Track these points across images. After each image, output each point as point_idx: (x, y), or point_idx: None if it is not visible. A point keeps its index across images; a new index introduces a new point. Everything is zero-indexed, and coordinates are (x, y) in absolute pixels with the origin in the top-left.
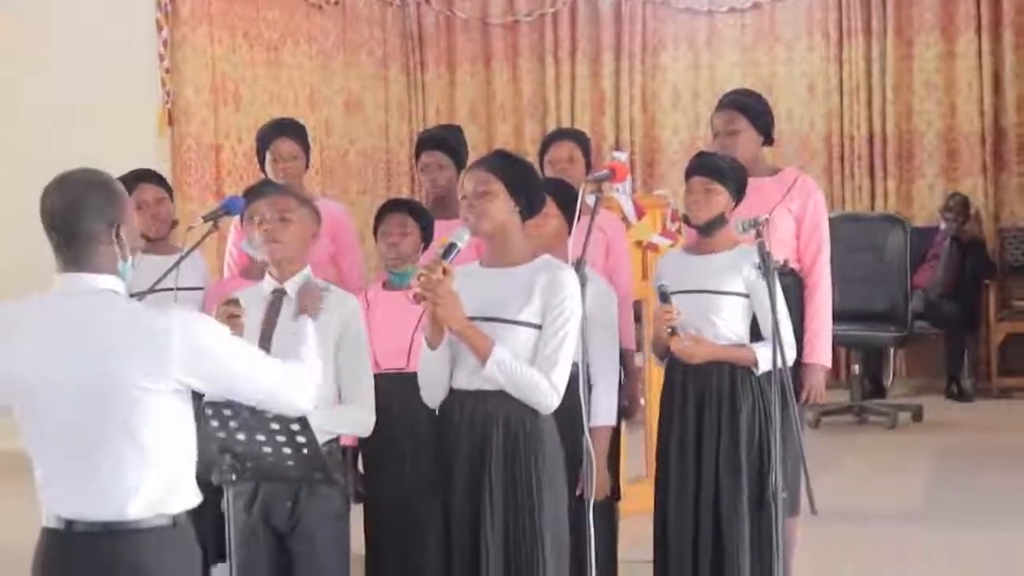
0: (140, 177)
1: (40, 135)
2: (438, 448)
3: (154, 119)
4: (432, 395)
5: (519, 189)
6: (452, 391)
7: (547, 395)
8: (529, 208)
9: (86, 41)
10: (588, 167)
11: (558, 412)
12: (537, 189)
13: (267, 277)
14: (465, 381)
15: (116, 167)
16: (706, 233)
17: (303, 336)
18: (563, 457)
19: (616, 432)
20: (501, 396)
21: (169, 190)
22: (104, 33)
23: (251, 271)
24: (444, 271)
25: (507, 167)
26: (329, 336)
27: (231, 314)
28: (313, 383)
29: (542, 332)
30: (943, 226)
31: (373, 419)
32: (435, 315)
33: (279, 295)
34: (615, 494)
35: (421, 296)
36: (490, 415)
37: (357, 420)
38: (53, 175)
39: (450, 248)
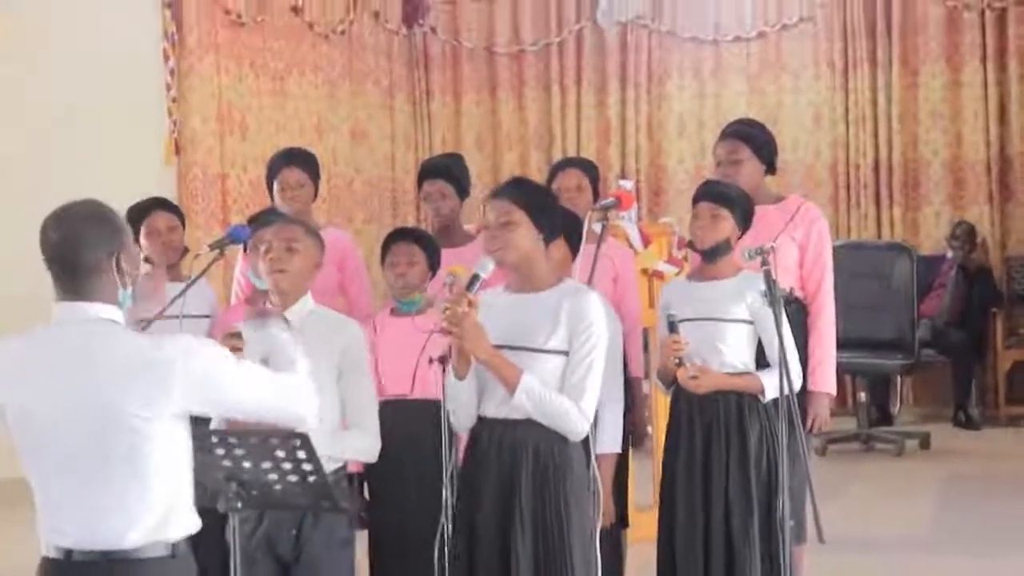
0: (154, 205)
1: (47, 164)
2: (465, 474)
3: (160, 148)
4: (462, 423)
5: (541, 215)
6: (481, 419)
7: (576, 422)
8: (552, 232)
9: (93, 68)
10: (596, 195)
11: None
12: (557, 212)
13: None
14: (494, 410)
15: (123, 197)
16: (710, 259)
17: (287, 348)
18: (591, 484)
19: (623, 460)
20: (530, 424)
21: (182, 218)
22: (111, 62)
23: (257, 299)
24: (469, 303)
25: (527, 195)
26: (332, 363)
27: (233, 347)
28: (311, 391)
29: (569, 359)
30: (950, 254)
31: (379, 445)
32: (461, 347)
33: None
34: (622, 522)
35: (447, 330)
36: (519, 443)
37: (363, 446)
38: (58, 206)
39: (474, 279)
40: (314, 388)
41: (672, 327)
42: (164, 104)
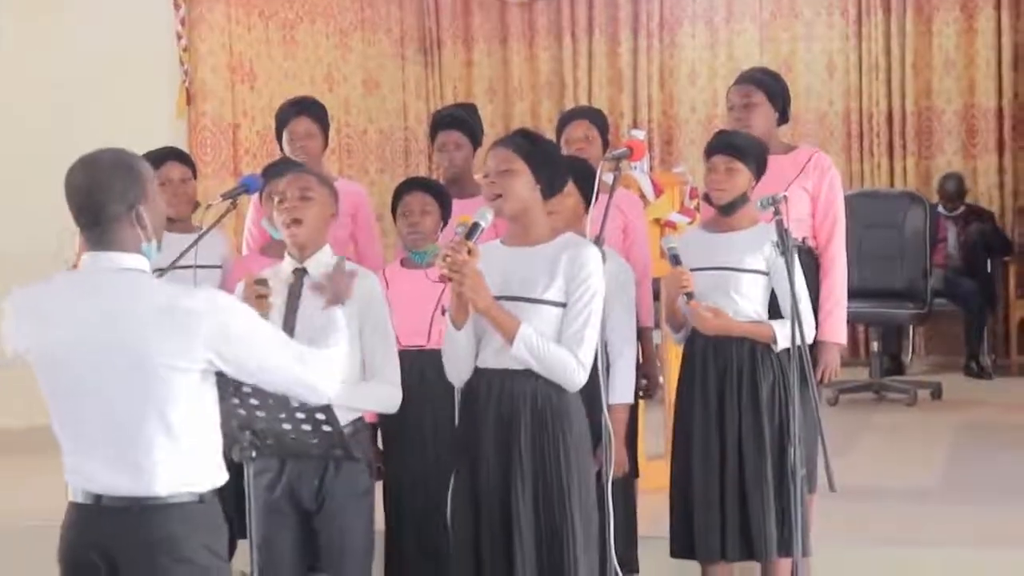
0: (167, 155)
1: (60, 113)
2: (464, 426)
3: (172, 99)
4: (457, 374)
5: (541, 168)
6: (478, 370)
7: (574, 372)
8: (551, 187)
9: (103, 18)
10: (605, 145)
11: None
12: (559, 168)
13: (287, 257)
14: (491, 360)
15: (135, 146)
16: (727, 212)
17: (334, 323)
18: (589, 433)
19: (634, 410)
20: (527, 375)
21: (194, 170)
22: (122, 11)
23: (270, 249)
24: (469, 251)
25: (529, 146)
26: (352, 314)
27: (259, 294)
28: (339, 372)
29: (567, 310)
30: (940, 209)
31: (400, 394)
32: (461, 295)
33: (300, 275)
34: (633, 472)
35: (447, 276)
36: (517, 393)
37: (384, 396)
38: (73, 155)
39: (474, 228)
40: (344, 366)
41: (675, 260)
42: (175, 54)
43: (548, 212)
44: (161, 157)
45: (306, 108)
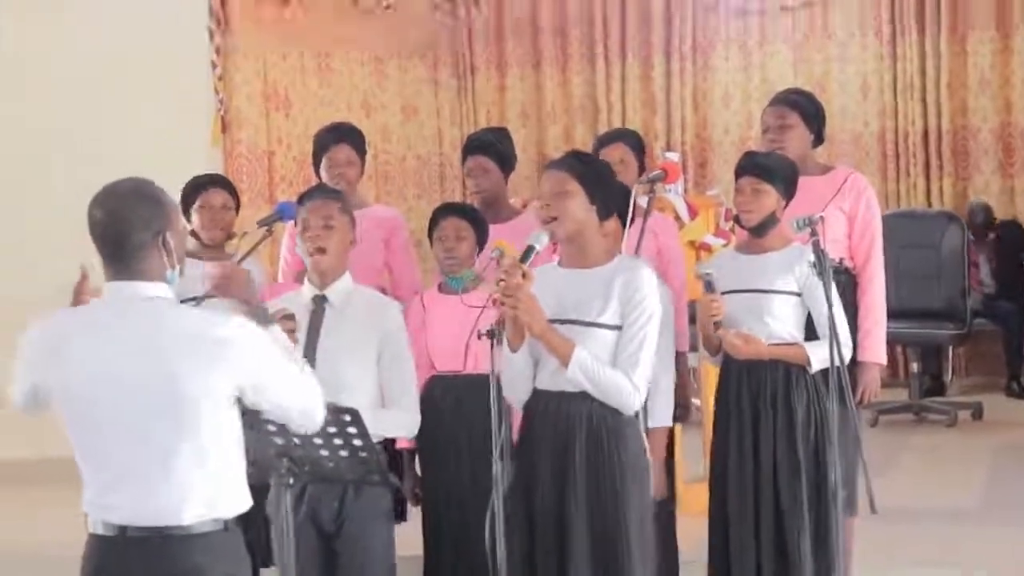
0: (211, 181)
1: (93, 144)
2: (521, 447)
3: (208, 127)
4: (516, 395)
5: (596, 189)
6: (536, 391)
7: (630, 396)
8: (606, 208)
9: (139, 46)
10: (641, 169)
11: None
12: (613, 188)
13: (306, 284)
14: (548, 382)
15: (170, 175)
16: (758, 233)
17: (288, 347)
18: (646, 456)
19: (670, 434)
20: (583, 396)
21: (237, 202)
22: (157, 39)
23: (305, 276)
24: (524, 275)
25: (583, 167)
26: (371, 342)
27: (288, 328)
28: (321, 396)
29: (622, 332)
30: (971, 237)
31: (418, 420)
32: (516, 319)
33: (320, 302)
34: (672, 497)
35: (500, 301)
36: (573, 414)
37: (402, 423)
38: (105, 184)
39: (528, 251)
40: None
41: (709, 287)
42: (211, 82)
43: None
44: (205, 183)
45: (345, 135)
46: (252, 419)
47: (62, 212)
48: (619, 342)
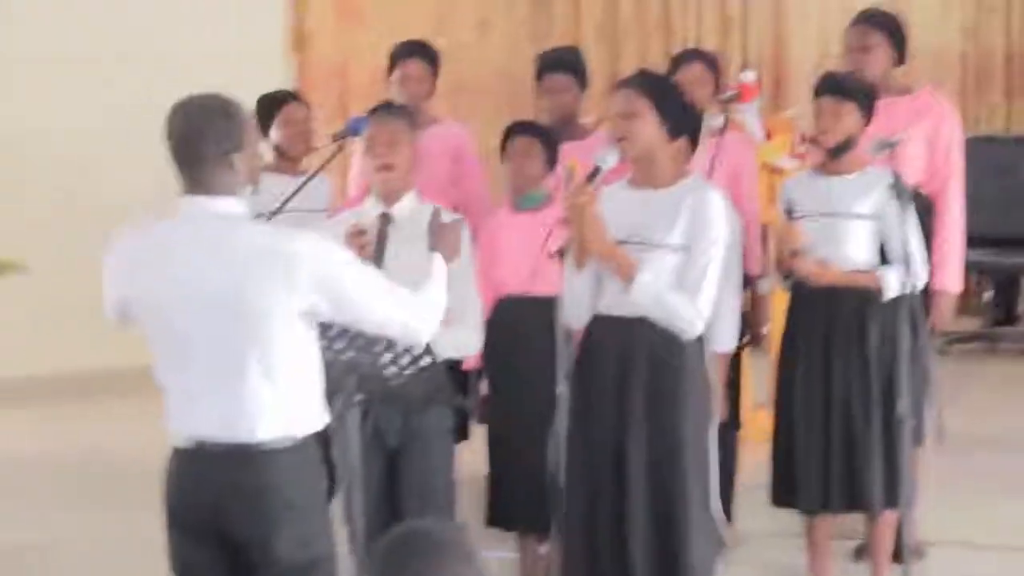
0: (286, 97)
1: (168, 59)
2: (580, 372)
3: (280, 40)
4: (576, 317)
5: (667, 109)
6: (596, 317)
7: (692, 320)
8: (676, 129)
9: None
10: (717, 88)
11: None
12: (684, 109)
13: (371, 200)
14: (609, 306)
15: (245, 89)
16: (835, 155)
17: (435, 273)
18: (706, 384)
19: (736, 359)
20: (644, 323)
21: (311, 112)
22: None
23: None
24: (589, 195)
25: (654, 86)
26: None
27: (361, 243)
28: (436, 319)
29: (689, 256)
30: None
31: (481, 339)
32: (580, 238)
33: (386, 220)
34: (734, 423)
35: (568, 219)
36: (634, 341)
37: (463, 341)
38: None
39: (596, 171)
40: (440, 315)
41: (791, 216)
42: None
43: None
44: (282, 99)
45: (418, 51)
46: (321, 333)
47: (129, 134)
48: (684, 266)
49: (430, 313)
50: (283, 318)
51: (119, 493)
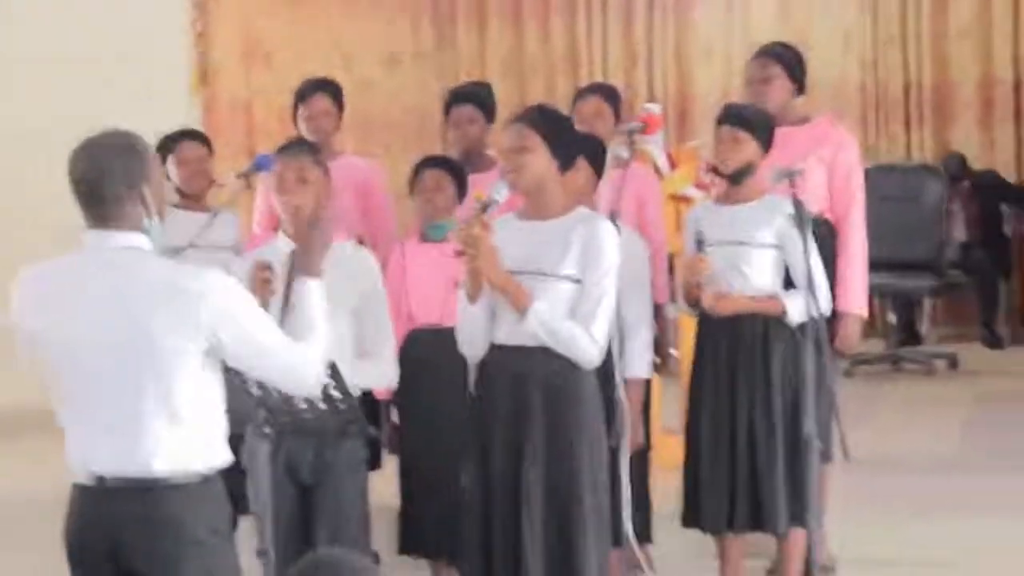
0: (185, 135)
1: (72, 96)
2: (478, 402)
3: (186, 78)
4: (472, 349)
5: (557, 143)
6: (493, 346)
7: (587, 348)
8: (567, 162)
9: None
10: (618, 119)
11: None
12: (574, 143)
13: (281, 236)
14: (505, 336)
15: (150, 126)
16: (735, 182)
17: (314, 314)
18: (602, 410)
19: (648, 385)
20: (541, 352)
21: (210, 149)
22: None
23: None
24: (483, 226)
25: (545, 121)
26: (347, 295)
27: (264, 279)
28: (321, 369)
29: (582, 285)
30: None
31: (396, 372)
32: (475, 269)
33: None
34: (646, 445)
35: (461, 251)
36: (530, 371)
37: (380, 373)
38: (87, 135)
39: (489, 203)
40: (324, 352)
41: (699, 247)
42: (190, 34)
43: None
44: (177, 137)
45: (323, 87)
46: (229, 368)
47: (27, 170)
48: (578, 296)
49: (315, 357)
50: (183, 354)
51: (17, 534)
